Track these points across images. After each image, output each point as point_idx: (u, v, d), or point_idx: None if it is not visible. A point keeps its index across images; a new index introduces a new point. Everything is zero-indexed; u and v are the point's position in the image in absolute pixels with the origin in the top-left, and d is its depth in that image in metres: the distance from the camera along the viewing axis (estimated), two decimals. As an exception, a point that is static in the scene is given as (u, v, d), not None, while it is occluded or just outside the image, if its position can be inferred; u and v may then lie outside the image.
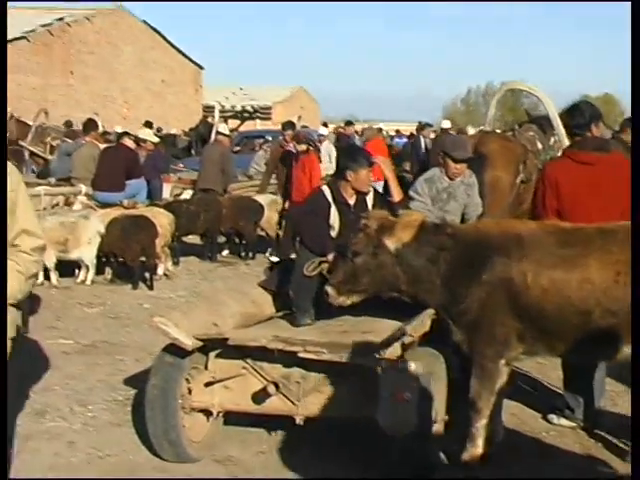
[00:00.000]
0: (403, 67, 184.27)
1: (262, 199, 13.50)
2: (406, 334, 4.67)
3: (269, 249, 13.43)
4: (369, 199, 5.90)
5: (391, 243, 4.86)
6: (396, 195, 5.99)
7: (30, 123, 18.26)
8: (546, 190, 5.52)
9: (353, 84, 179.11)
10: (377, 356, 4.58)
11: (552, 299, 4.63)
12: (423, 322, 4.98)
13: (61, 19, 34.07)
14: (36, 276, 4.09)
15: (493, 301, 4.70)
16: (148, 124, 22.21)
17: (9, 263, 3.80)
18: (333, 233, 5.76)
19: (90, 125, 14.46)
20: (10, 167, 3.82)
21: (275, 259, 9.61)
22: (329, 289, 5.02)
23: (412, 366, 4.54)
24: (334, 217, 5.78)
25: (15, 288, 3.82)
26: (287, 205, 12.61)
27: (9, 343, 3.90)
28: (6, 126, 3.47)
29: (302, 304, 5.61)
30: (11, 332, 3.90)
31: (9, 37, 30.48)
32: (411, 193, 6.46)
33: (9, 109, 18.85)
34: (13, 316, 3.91)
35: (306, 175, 12.01)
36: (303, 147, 12.29)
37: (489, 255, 4.75)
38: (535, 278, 4.65)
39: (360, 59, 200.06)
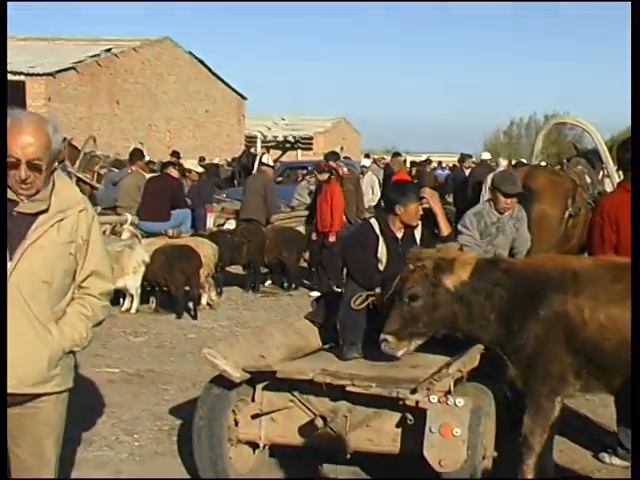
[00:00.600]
0: (444, 98, 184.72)
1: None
2: (455, 369, 4.65)
3: (311, 282, 13.29)
4: (417, 233, 5.89)
5: (450, 282, 4.82)
6: (444, 229, 5.92)
7: (80, 148, 18.42)
8: (604, 224, 5.46)
9: (395, 115, 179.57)
10: (425, 391, 4.55)
11: (609, 335, 4.57)
12: (472, 357, 4.97)
13: (109, 50, 34.66)
14: (101, 323, 3.60)
15: (549, 337, 4.65)
16: (175, 154, 22.05)
17: (76, 306, 3.43)
18: (381, 266, 5.74)
19: (136, 154, 14.62)
20: (85, 203, 3.48)
21: (316, 294, 9.57)
22: (389, 338, 4.83)
23: (461, 401, 4.50)
24: (382, 250, 5.76)
25: (82, 335, 3.44)
26: (314, 237, 12.52)
27: (65, 394, 3.51)
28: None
29: (349, 337, 5.58)
30: (69, 382, 3.51)
31: (59, 68, 31.13)
32: (459, 227, 6.45)
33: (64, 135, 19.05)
34: (70, 365, 3.52)
35: (328, 204, 11.91)
36: (325, 176, 12.17)
37: (545, 291, 4.70)
38: (592, 314, 4.59)
39: (403, 90, 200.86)
